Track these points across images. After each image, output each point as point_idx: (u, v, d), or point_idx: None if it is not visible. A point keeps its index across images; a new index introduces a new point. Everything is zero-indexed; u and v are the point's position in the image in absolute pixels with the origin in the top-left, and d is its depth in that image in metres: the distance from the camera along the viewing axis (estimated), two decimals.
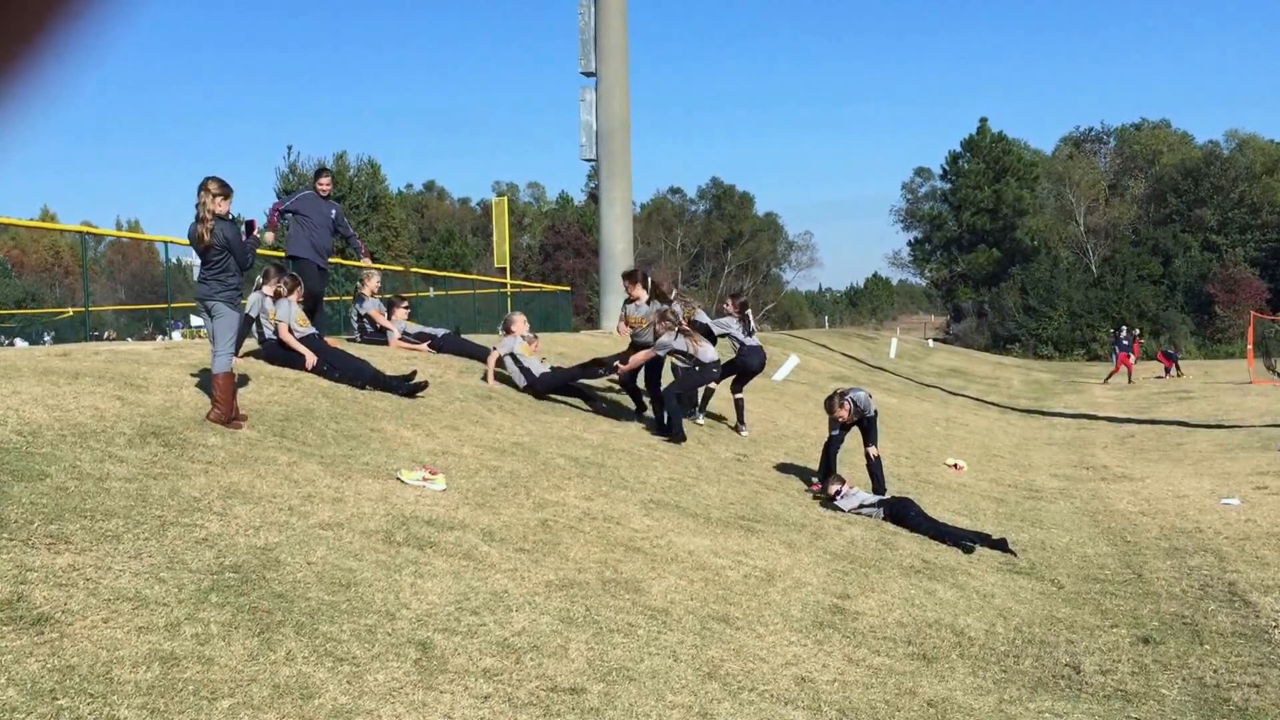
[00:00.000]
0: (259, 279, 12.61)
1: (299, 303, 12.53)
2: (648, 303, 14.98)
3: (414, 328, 16.47)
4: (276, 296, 12.27)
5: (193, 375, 10.61)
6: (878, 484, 12.85)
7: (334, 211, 14.51)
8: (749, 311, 16.41)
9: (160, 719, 4.21)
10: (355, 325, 16.37)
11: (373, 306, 16.17)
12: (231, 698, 4.49)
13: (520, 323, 15.07)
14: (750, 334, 16.04)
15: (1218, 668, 7.70)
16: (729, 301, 16.53)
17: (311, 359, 11.95)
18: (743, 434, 15.94)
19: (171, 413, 9.24)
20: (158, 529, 6.32)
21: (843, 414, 12.84)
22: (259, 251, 11.18)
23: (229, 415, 9.24)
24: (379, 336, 15.88)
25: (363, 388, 11.89)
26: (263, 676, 4.73)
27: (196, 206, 9.26)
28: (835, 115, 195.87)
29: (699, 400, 16.32)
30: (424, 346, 15.78)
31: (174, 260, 27.74)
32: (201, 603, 5.34)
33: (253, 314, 12.24)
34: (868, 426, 13.03)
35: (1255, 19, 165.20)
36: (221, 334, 9.33)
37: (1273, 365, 42.68)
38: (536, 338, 17.00)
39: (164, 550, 5.99)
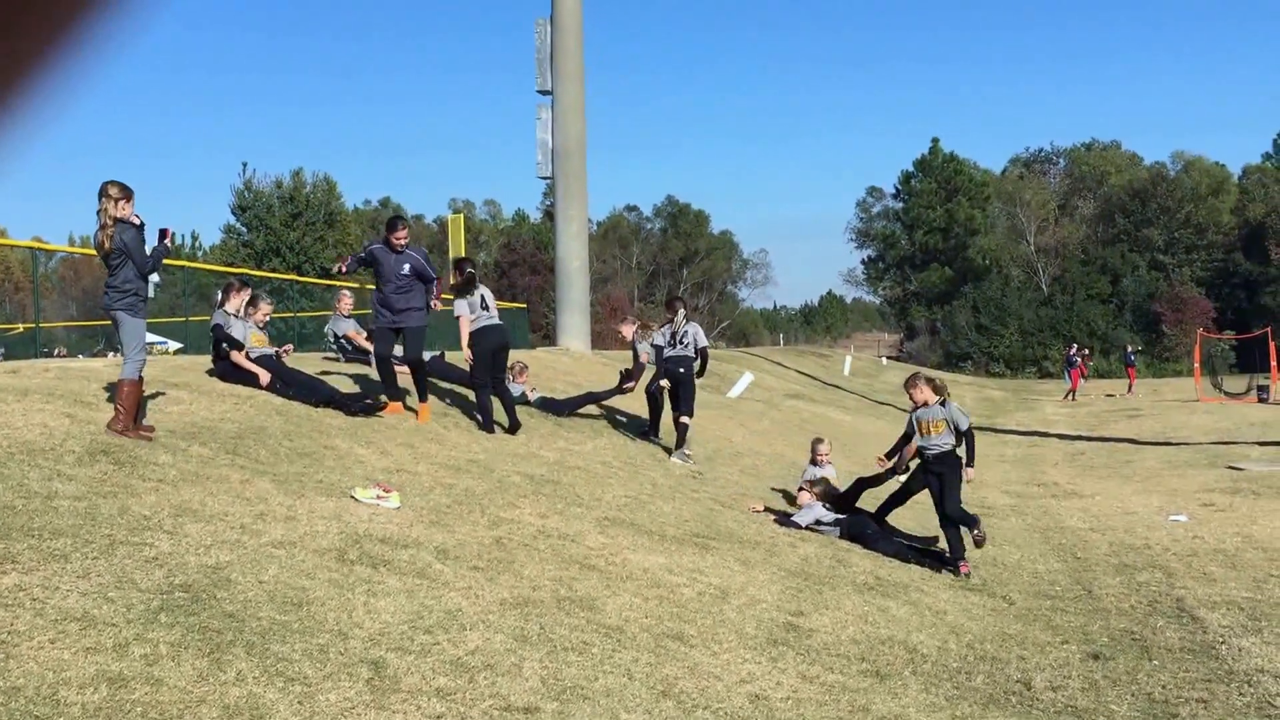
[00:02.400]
0: (219, 295, 12.43)
1: (260, 326, 12.46)
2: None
3: (398, 350, 16.28)
4: (237, 314, 12.16)
5: (147, 394, 10.52)
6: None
7: (407, 266, 12.85)
8: (680, 315, 15.30)
9: None
10: (334, 345, 16.19)
11: (350, 326, 16.01)
12: (181, 719, 4.45)
13: (820, 449, 13.60)
14: (677, 342, 15.08)
15: (1166, 683, 7.76)
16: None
17: (265, 376, 11.86)
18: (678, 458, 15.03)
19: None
20: (106, 548, 6.26)
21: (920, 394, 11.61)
22: (218, 267, 11.03)
23: (129, 425, 8.97)
24: (360, 356, 15.68)
25: (317, 406, 11.82)
26: (212, 697, 4.69)
27: (98, 214, 8.96)
28: (790, 135, 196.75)
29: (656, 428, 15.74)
30: (407, 368, 15.51)
31: None
32: (150, 623, 5.29)
33: (219, 321, 12.03)
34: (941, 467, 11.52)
35: (1203, 42, 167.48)
36: (129, 342, 9.09)
37: (1219, 384, 43.19)
38: (527, 367, 16.83)
39: (113, 569, 5.93)
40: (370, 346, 15.64)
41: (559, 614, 7.11)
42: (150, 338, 27.47)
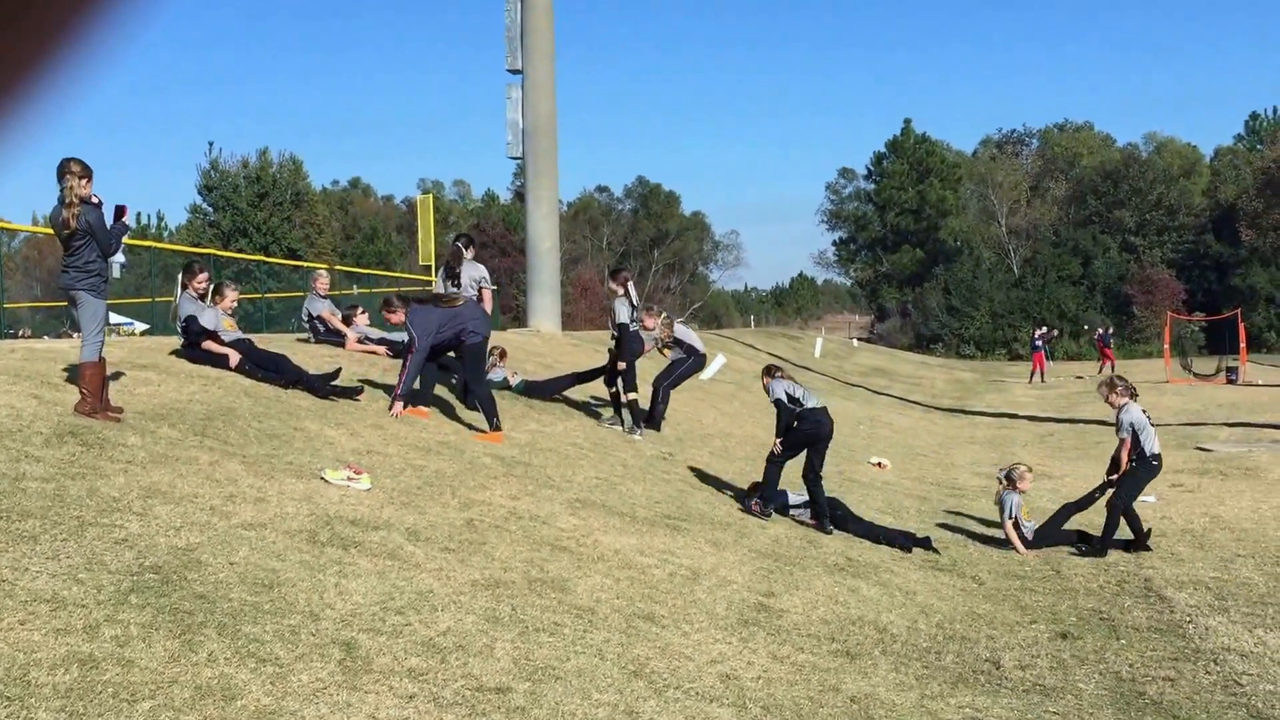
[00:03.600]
0: (181, 276, 12.28)
1: (228, 312, 12.37)
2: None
3: (376, 333, 16.01)
4: (202, 296, 12.06)
5: (109, 374, 10.44)
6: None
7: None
8: (627, 289, 14.91)
9: None
10: (307, 325, 16.00)
11: (325, 307, 15.80)
12: (152, 700, 4.44)
13: (1028, 479, 12.44)
14: (630, 317, 14.76)
15: (1133, 662, 7.84)
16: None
17: (235, 357, 11.78)
18: (635, 436, 14.78)
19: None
20: (76, 529, 6.23)
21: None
22: (185, 248, 10.92)
23: (96, 407, 8.90)
24: (332, 338, 15.52)
25: (286, 387, 11.76)
26: (184, 678, 4.68)
27: (63, 191, 8.83)
28: (761, 116, 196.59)
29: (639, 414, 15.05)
30: (383, 349, 15.40)
31: None
32: (121, 604, 5.27)
33: (192, 312, 11.89)
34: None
35: (1176, 23, 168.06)
36: (87, 323, 9.02)
37: (1188, 365, 43.45)
38: (506, 352, 16.67)
39: (82, 551, 5.91)
40: (346, 329, 15.48)
41: (530, 595, 7.13)
42: (117, 319, 27.32)
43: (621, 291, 14.69)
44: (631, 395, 14.78)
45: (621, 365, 14.88)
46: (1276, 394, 28.59)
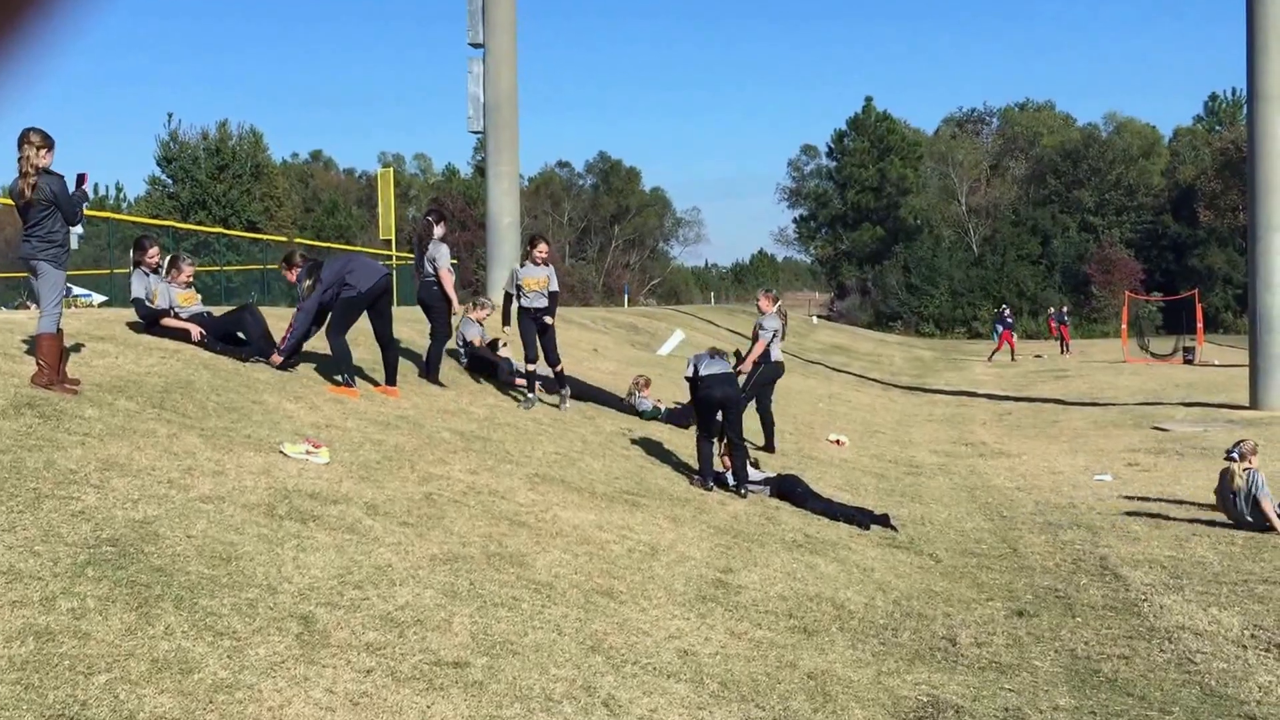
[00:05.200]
0: (133, 252, 12.11)
1: (184, 285, 12.22)
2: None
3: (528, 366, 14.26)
4: (155, 270, 11.90)
5: (67, 346, 10.33)
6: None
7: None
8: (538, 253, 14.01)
9: (35, 694, 4.14)
10: (462, 350, 15.00)
11: (477, 333, 14.94)
12: (109, 672, 4.42)
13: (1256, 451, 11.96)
14: (536, 294, 13.80)
15: (1089, 640, 7.92)
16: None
17: (196, 331, 11.68)
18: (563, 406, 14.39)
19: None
20: (32, 501, 6.19)
21: None
22: (144, 219, 10.79)
23: (53, 379, 8.81)
24: (484, 366, 14.72)
25: (245, 361, 11.67)
26: (141, 651, 4.66)
27: (19, 161, 8.72)
28: (723, 92, 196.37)
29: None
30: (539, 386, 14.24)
31: None
32: (78, 576, 5.24)
33: (139, 294, 11.73)
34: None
35: (1138, 4, 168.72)
36: (47, 294, 8.93)
37: (1146, 345, 43.81)
38: (650, 380, 16.38)
39: (39, 523, 5.87)
40: (498, 360, 14.71)
41: (489, 570, 7.13)
42: (76, 290, 27.03)
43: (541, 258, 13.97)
44: (530, 365, 14.00)
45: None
46: (1232, 374, 28.84)
